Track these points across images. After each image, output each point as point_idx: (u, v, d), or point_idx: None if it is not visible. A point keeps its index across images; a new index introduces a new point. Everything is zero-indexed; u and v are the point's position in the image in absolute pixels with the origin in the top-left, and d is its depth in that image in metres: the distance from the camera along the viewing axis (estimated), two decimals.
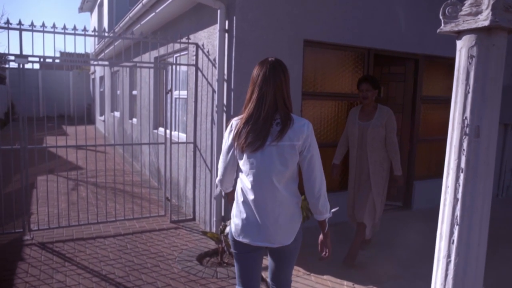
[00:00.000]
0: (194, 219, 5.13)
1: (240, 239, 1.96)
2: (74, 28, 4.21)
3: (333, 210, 2.04)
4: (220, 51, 4.06)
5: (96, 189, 5.84)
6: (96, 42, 12.03)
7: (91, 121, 18.47)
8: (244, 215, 1.94)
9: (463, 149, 1.81)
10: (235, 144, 1.93)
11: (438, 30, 1.90)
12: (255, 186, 1.88)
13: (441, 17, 1.86)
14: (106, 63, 10.31)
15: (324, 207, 1.94)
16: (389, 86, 5.27)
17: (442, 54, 5.48)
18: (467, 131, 1.79)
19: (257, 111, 1.86)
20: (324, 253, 2.00)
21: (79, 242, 4.26)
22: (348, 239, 4.16)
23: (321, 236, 2.02)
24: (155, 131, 6.85)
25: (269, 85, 1.86)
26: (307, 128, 1.89)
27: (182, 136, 5.55)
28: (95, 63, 12.58)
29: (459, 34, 1.83)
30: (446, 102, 5.87)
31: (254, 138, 1.84)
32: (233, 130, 1.96)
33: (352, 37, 4.62)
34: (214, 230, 4.38)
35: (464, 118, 1.80)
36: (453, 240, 1.86)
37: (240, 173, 2.00)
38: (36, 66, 22.54)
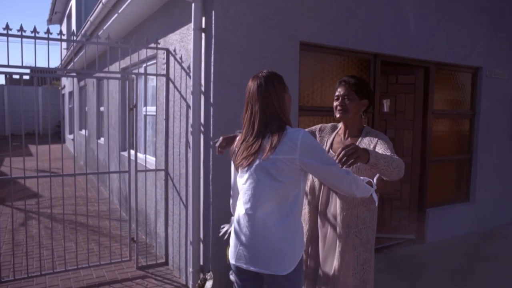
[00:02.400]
0: (166, 263, 4.17)
1: (234, 262, 1.86)
2: (48, 32, 3.33)
3: (375, 179, 2.00)
4: (196, 56, 3.19)
5: (51, 223, 4.80)
6: (63, 54, 11.03)
7: (61, 139, 17.31)
8: (236, 236, 1.85)
9: None
10: (232, 162, 1.93)
11: None
12: (246, 205, 1.79)
13: None
14: (74, 74, 9.33)
15: (366, 193, 1.91)
16: (397, 99, 4.49)
17: (455, 62, 4.77)
18: None
19: (249, 128, 1.81)
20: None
21: None
22: None
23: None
24: (123, 153, 5.88)
25: (257, 102, 1.78)
26: (302, 138, 1.69)
27: (152, 161, 4.62)
28: (61, 73, 11.59)
29: None
30: (459, 117, 5.14)
31: (246, 154, 1.78)
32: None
33: (356, 40, 3.84)
34: (190, 283, 3.43)
35: None
36: None
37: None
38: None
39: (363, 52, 3.98)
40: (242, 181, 1.83)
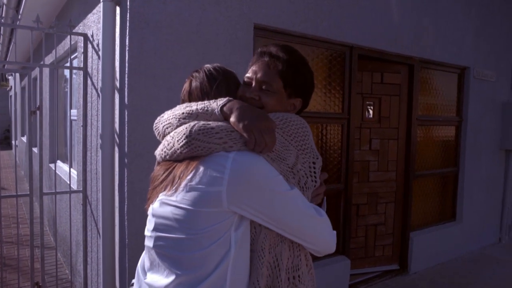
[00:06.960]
0: None
1: None
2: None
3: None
4: (107, 39, 2.30)
5: None
6: None
7: (10, 145, 16.03)
8: None
9: None
10: None
11: None
12: (143, 269, 1.14)
13: None
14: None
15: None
16: (381, 102, 3.71)
17: (441, 60, 4.07)
18: None
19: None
20: None
21: None
22: None
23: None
24: (52, 165, 4.86)
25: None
26: (234, 158, 0.97)
27: (74, 178, 3.66)
28: None
29: None
30: (445, 124, 4.45)
31: (154, 186, 1.10)
32: None
33: (328, 27, 3.04)
34: None
35: None
36: None
37: None
38: None
39: (337, 43, 3.19)
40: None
